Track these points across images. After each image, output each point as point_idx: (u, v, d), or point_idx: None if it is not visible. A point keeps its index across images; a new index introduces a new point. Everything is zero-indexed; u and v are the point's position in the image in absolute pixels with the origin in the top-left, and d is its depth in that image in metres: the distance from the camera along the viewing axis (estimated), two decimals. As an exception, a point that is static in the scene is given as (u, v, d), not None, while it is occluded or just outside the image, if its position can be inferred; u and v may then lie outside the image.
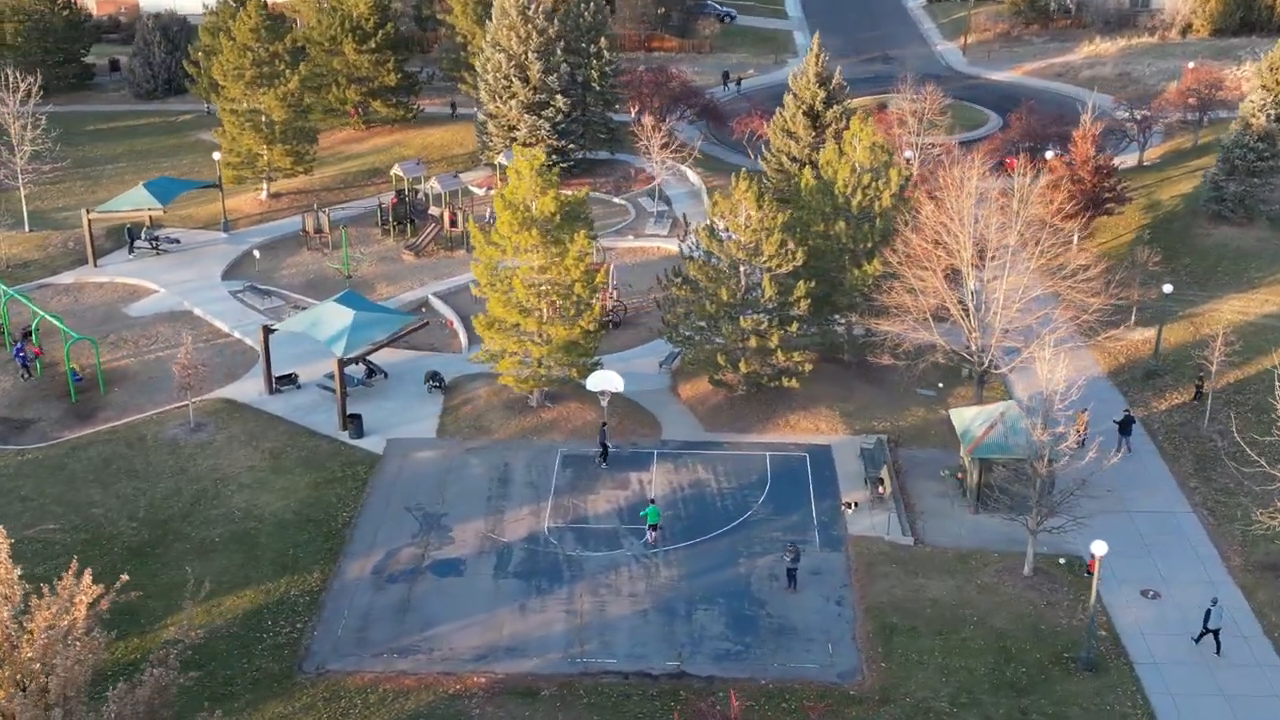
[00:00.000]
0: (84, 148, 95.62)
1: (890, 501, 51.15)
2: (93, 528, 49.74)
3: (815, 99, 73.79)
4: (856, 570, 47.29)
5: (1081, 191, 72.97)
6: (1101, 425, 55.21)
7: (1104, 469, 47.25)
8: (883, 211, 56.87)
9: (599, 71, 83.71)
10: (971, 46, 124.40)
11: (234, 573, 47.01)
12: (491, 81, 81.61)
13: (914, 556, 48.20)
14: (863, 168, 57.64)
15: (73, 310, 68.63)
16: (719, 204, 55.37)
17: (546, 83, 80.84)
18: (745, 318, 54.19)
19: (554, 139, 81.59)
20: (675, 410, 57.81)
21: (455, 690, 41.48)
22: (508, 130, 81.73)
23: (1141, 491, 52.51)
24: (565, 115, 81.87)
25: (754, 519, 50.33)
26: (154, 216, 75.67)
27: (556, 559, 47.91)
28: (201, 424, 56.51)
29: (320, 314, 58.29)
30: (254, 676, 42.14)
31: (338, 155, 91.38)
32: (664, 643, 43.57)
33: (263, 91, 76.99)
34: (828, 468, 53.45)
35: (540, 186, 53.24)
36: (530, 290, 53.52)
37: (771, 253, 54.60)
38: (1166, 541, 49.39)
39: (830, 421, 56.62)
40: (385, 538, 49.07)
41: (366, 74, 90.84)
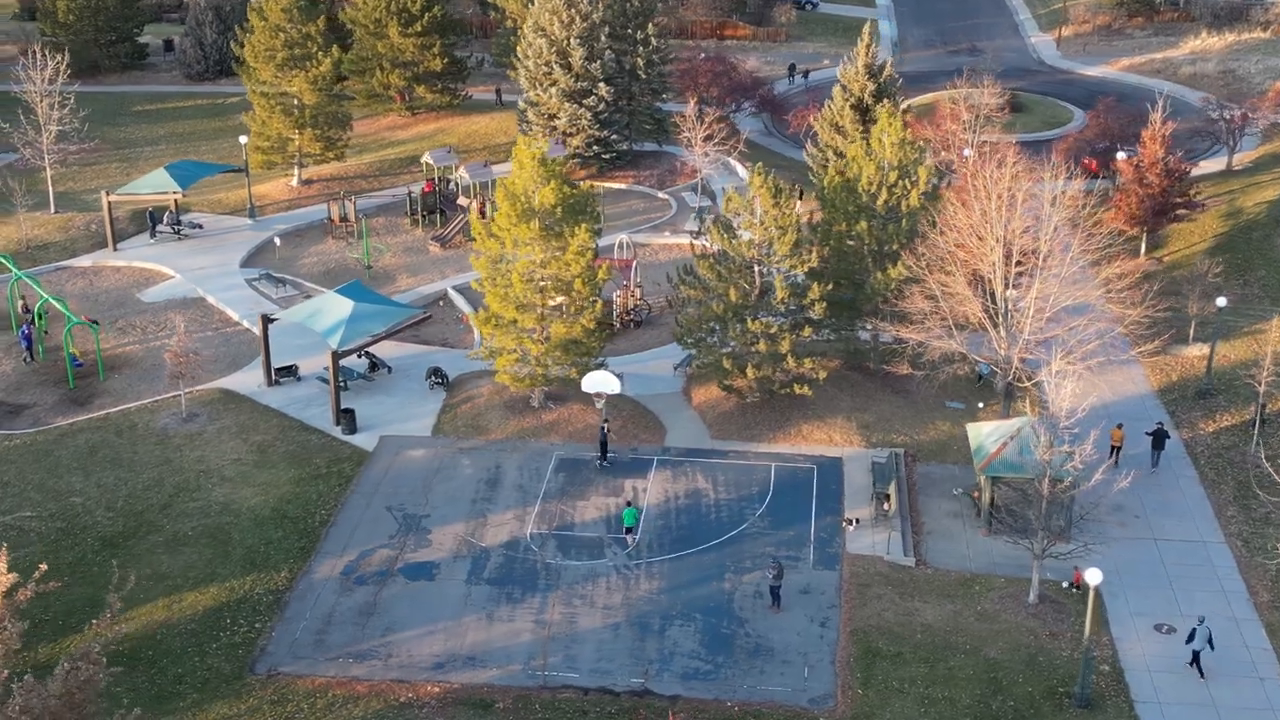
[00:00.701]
0: (126, 129, 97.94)
1: (895, 519, 50.48)
2: (69, 516, 50.87)
3: (864, 92, 73.14)
4: (848, 590, 46.79)
5: (1148, 196, 71.47)
6: (1138, 442, 54.09)
7: (1115, 491, 46.02)
8: (910, 212, 56.13)
9: (645, 59, 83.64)
10: (1067, 39, 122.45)
11: (201, 568, 47.80)
12: (532, 68, 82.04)
13: (913, 578, 47.57)
14: (890, 165, 56.93)
15: (86, 294, 70.29)
16: (733, 200, 55.06)
17: (589, 70, 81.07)
18: (755, 320, 53.77)
19: (595, 129, 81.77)
20: (684, 416, 57.67)
21: (406, 699, 41.76)
22: (548, 119, 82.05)
23: (1173, 519, 51.32)
24: (608, 104, 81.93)
25: (748, 533, 50.03)
26: (180, 201, 77.09)
27: (534, 566, 48.04)
28: (194, 414, 57.55)
29: (320, 304, 59.08)
30: (204, 676, 42.79)
31: (380, 142, 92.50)
32: (632, 659, 43.49)
33: (294, 74, 78.04)
34: (835, 481, 52.97)
35: (542, 177, 53.34)
36: (528, 285, 53.69)
37: (785, 252, 54.18)
38: (1191, 573, 48.20)
39: (845, 433, 56.09)
40: (361, 538, 49.57)
41: (411, 58, 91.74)
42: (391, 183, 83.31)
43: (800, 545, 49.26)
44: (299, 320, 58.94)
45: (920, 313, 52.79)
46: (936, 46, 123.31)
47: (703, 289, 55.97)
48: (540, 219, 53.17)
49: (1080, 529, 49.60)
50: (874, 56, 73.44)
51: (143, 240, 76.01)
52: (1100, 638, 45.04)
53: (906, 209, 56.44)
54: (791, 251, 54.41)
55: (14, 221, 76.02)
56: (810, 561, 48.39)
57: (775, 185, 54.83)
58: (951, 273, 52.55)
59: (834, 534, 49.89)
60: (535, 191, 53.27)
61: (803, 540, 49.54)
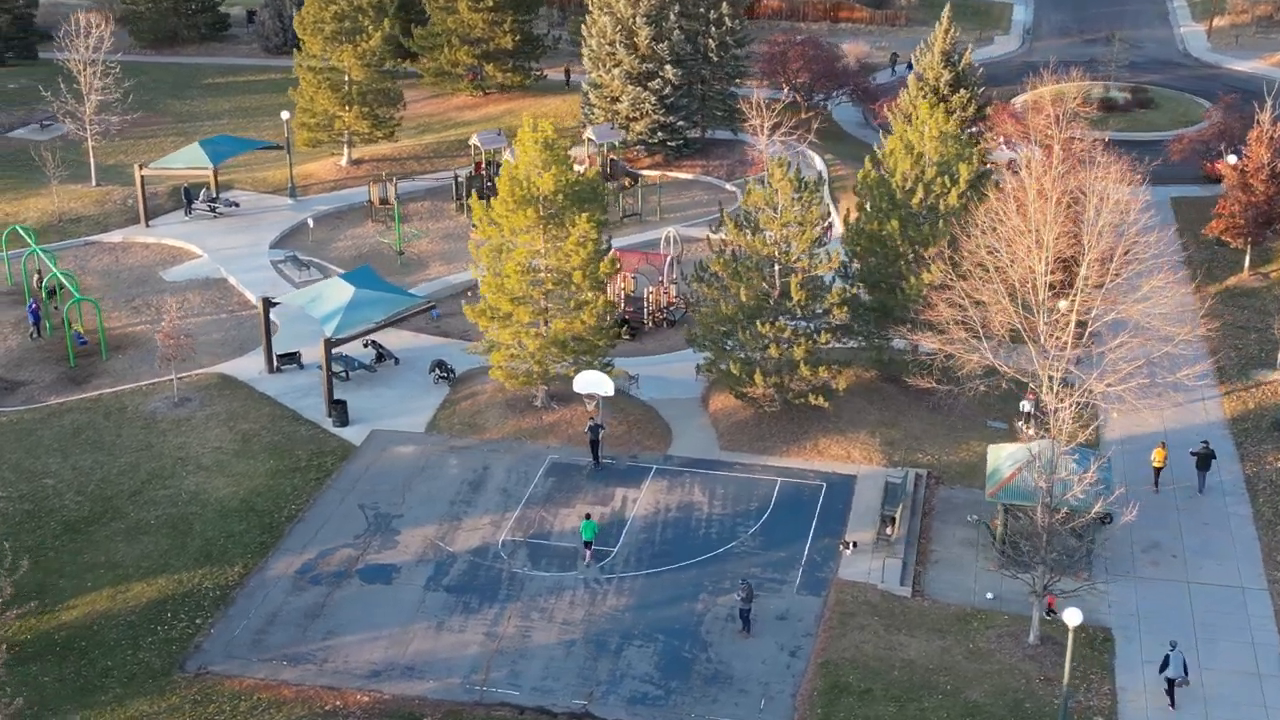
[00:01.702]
0: (191, 102, 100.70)
1: (898, 545, 49.62)
2: (38, 499, 52.48)
3: (939, 80, 71.92)
4: (829, 619, 46.12)
5: (1252, 204, 69.14)
6: (1183, 463, 52.78)
7: (1132, 525, 44.72)
8: (949, 211, 55.05)
9: (718, 40, 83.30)
10: (1219, 30, 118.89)
11: (155, 558, 48.96)
12: (595, 47, 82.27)
13: (905, 610, 46.70)
14: (929, 160, 55.94)
15: (109, 271, 72.42)
16: (753, 193, 54.60)
17: (655, 51, 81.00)
18: (766, 323, 53.23)
19: (660, 114, 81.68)
20: (695, 423, 57.40)
21: (332, 707, 42.28)
22: (610, 102, 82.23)
23: (1213, 560, 49.64)
24: (675, 88, 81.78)
25: (736, 551, 49.62)
26: (221, 178, 78.94)
27: (499, 576, 48.25)
28: (187, 399, 58.93)
29: (322, 289, 60.06)
30: (133, 670, 43.83)
31: (445, 122, 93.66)
32: (579, 679, 43.44)
33: (343, 48, 79.37)
34: (843, 501, 52.28)
35: (543, 162, 53.52)
36: (524, 277, 53.88)
37: (803, 250, 53.57)
38: (1221, 621, 46.54)
39: (866, 449, 55.30)
40: (326, 535, 50.30)
41: (481, 34, 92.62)
42: (445, 165, 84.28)
43: (788, 567, 48.68)
44: (300, 305, 59.91)
45: (950, 322, 51.62)
46: (1072, 34, 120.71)
47: (718, 287, 55.53)
48: (539, 206, 53.23)
49: (1105, 565, 48.25)
50: (953, 42, 72.05)
51: (178, 217, 77.94)
52: (1102, 686, 43.74)
53: (945, 209, 55.29)
54: (811, 251, 53.66)
55: (52, 193, 78.38)
56: (795, 585, 47.79)
57: (798, 178, 54.13)
58: (988, 280, 51.31)
59: (828, 557, 49.22)
60: (535, 176, 53.30)
61: (793, 562, 48.95)
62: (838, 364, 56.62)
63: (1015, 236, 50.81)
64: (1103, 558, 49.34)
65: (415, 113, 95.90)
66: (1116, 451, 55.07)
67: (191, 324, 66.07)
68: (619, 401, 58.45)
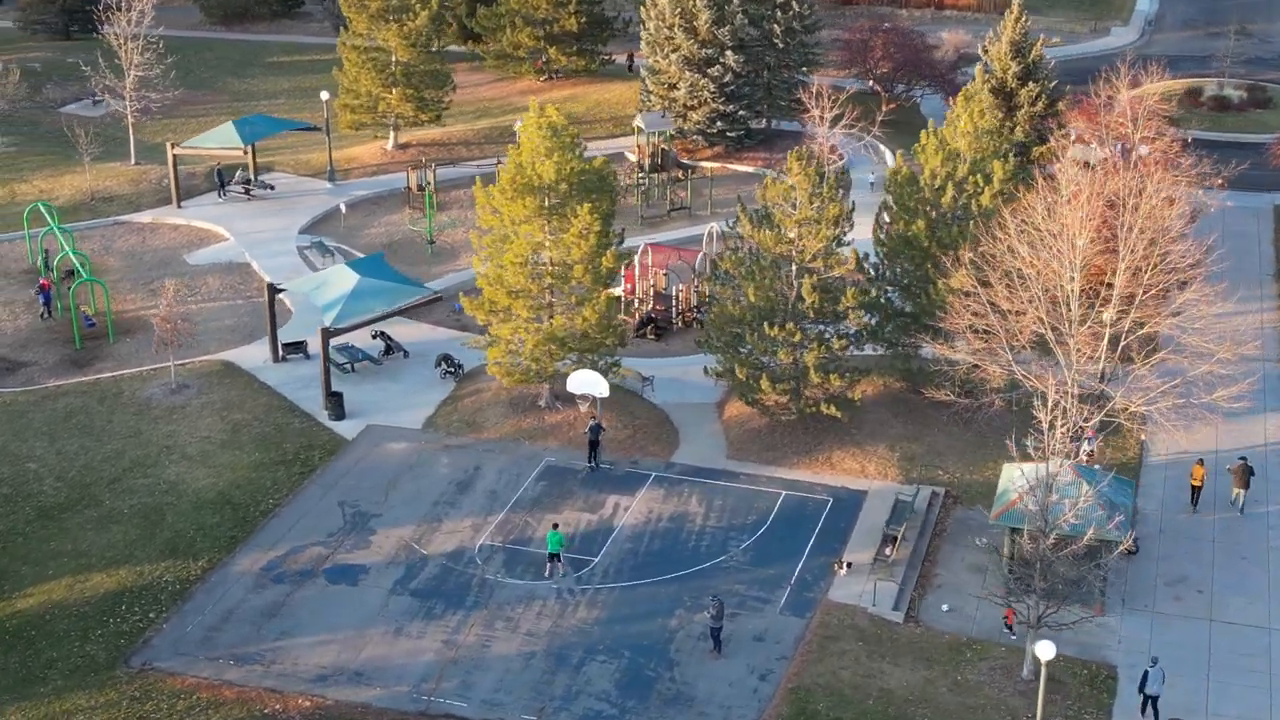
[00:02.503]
0: (251, 80, 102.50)
1: (898, 567, 48.93)
2: (17, 483, 53.80)
3: (1007, 73, 70.69)
4: (809, 642, 45.62)
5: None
6: (1222, 480, 51.79)
7: (1120, 552, 43.56)
8: (982, 213, 54.11)
9: (785, 26, 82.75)
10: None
11: (120, 548, 49.89)
12: (653, 30, 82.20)
13: (894, 636, 46.03)
14: (961, 158, 55.08)
15: (133, 252, 74.00)
16: (770, 187, 54.17)
17: (716, 36, 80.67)
18: (774, 326, 52.78)
19: (720, 102, 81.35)
20: (706, 429, 57.13)
21: (272, 710, 42.74)
22: (667, 89, 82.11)
23: (1243, 599, 48.26)
24: (736, 75, 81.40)
25: (723, 566, 49.31)
26: (263, 159, 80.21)
27: (470, 582, 48.45)
28: (184, 385, 60.01)
29: (327, 277, 60.83)
30: (77, 663, 44.70)
31: (505, 107, 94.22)
32: (533, 694, 43.44)
33: (388, 26, 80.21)
34: (847, 517, 51.70)
35: (546, 148, 53.61)
36: (523, 269, 54.01)
37: (816, 249, 53.03)
38: (1238, 663, 45.24)
39: (882, 464, 54.63)
40: (299, 532, 50.88)
41: (545, 15, 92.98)
42: (496, 152, 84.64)
43: (776, 586, 48.23)
44: (305, 292, 60.67)
45: (966, 330, 50.82)
46: (1197, 27, 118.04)
47: (730, 287, 55.22)
48: (539, 195, 53.31)
49: (1123, 598, 47.21)
50: (1024, 32, 70.74)
51: (212, 199, 79.33)
52: (1097, 728, 42.78)
53: (978, 209, 54.37)
54: (828, 250, 53.09)
55: (90, 171, 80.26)
56: (780, 605, 47.33)
57: (817, 173, 53.59)
58: (1011, 287, 50.39)
59: (820, 577, 48.70)
60: (537, 164, 53.40)
61: (781, 581, 48.50)
62: (858, 372, 55.95)
63: (1041, 241, 49.81)
64: (1121, 589, 48.12)
65: (476, 96, 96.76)
66: (1161, 473, 53.78)
67: (205, 309, 67.29)
68: (628, 404, 58.43)
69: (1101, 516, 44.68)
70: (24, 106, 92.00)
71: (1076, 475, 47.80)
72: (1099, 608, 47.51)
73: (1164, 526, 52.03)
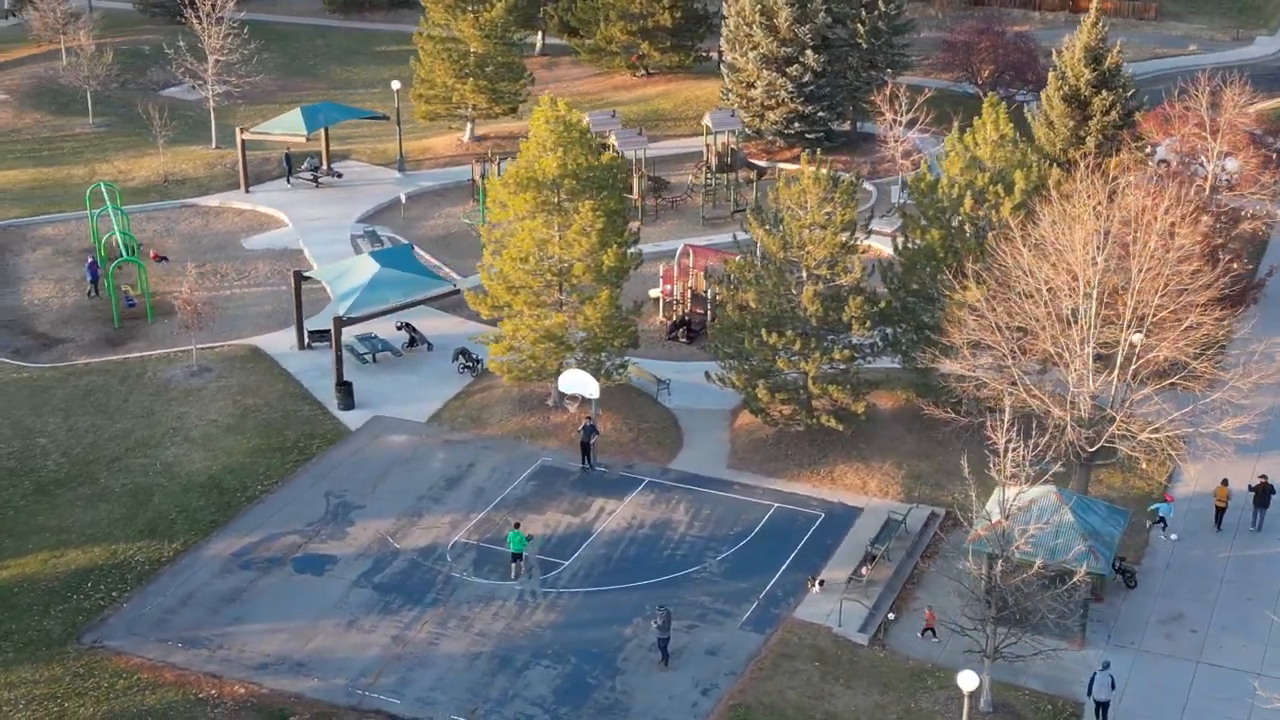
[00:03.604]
0: (353, 69, 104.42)
1: (874, 587, 48.09)
2: (24, 457, 55.58)
3: (1080, 80, 68.91)
4: (763, 659, 45.08)
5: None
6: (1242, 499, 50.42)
7: (1075, 590, 42.20)
8: (1001, 224, 52.87)
9: (870, 26, 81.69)
10: None
11: (101, 527, 51.22)
12: (733, 27, 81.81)
13: (853, 659, 45.26)
14: (981, 166, 53.90)
15: (193, 235, 75.92)
16: (783, 191, 53.61)
17: (797, 34, 79.99)
18: (772, 333, 52.21)
19: (798, 102, 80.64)
20: (712, 437, 56.75)
21: (206, 694, 43.51)
22: (745, 88, 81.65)
23: (1238, 640, 46.51)
24: (816, 75, 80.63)
25: (695, 577, 48.96)
26: (339, 147, 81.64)
27: (434, 578, 48.77)
28: (206, 369, 61.39)
29: (350, 266, 61.80)
30: (31, 636, 46.02)
31: (596, 102, 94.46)
32: (469, 695, 43.61)
33: (464, 17, 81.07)
34: (835, 534, 51.00)
35: (552, 141, 53.74)
36: (523, 265, 54.20)
37: (821, 256, 52.33)
38: (1214, 709, 43.67)
39: (885, 481, 53.73)
40: (279, 520, 51.72)
41: (639, 10, 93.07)
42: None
43: (742, 600, 47.74)
44: (327, 280, 61.62)
45: (965, 345, 49.75)
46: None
47: (738, 290, 54.80)
48: (541, 190, 53.45)
49: (1109, 634, 45.88)
50: (1100, 37, 68.80)
51: (280, 184, 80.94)
52: (1050, 771, 41.59)
53: (997, 220, 53.12)
54: (832, 257, 52.37)
55: (167, 154, 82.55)
56: (742, 620, 46.83)
57: (831, 177, 52.91)
58: (1006, 302, 49.19)
59: (792, 593, 48.09)
60: (541, 158, 53.55)
61: (750, 595, 47.98)
62: (867, 385, 55.08)
63: (1044, 256, 48.55)
64: (1110, 624, 46.75)
65: (571, 90, 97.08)
66: (1183, 506, 52.15)
67: (249, 294, 68.76)
68: (639, 406, 58.35)
69: (1065, 546, 43.42)
70: (129, 88, 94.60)
71: (1060, 501, 46.55)
72: (1079, 641, 46.22)
73: (1172, 561, 50.31)
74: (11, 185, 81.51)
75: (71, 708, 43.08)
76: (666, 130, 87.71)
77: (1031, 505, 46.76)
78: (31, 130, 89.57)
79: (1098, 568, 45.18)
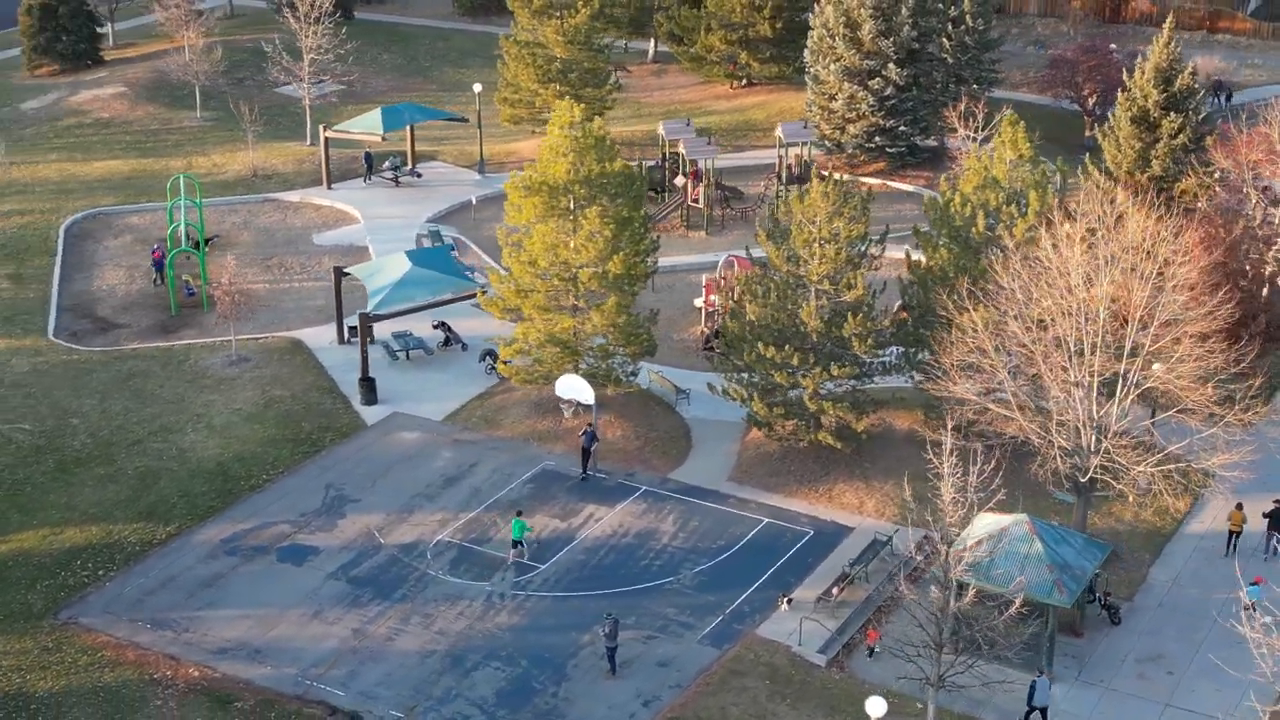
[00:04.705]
0: (465, 71, 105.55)
1: (843, 608, 47.41)
2: (53, 436, 57.49)
3: (1149, 100, 66.98)
4: (713, 674, 44.69)
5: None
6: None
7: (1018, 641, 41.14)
8: (1015, 245, 51.70)
9: (957, 40, 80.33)
10: None
11: (104, 507, 52.73)
12: (817, 40, 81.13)
13: (805, 680, 44.67)
14: (995, 184, 52.76)
15: (268, 228, 77.66)
16: (793, 204, 53.09)
17: (880, 47, 79.03)
18: (769, 346, 51.71)
19: (879, 116, 79.66)
20: (721, 449, 56.39)
21: (160, 675, 44.55)
22: (827, 99, 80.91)
23: (1214, 684, 44.73)
24: (899, 89, 79.56)
25: (665, 588, 48.74)
26: (425, 148, 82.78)
27: (409, 575, 49.26)
28: (244, 359, 62.82)
29: (384, 263, 62.70)
30: (13, 609, 47.56)
31: (693, 110, 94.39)
32: (413, 691, 43.99)
33: (548, 22, 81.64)
34: (818, 553, 50.37)
35: (565, 146, 53.94)
36: (529, 268, 54.47)
37: (822, 272, 51.70)
38: (1174, 760, 42.10)
39: (884, 502, 52.89)
40: (274, 510, 52.72)
41: (740, 19, 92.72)
42: (654, 154, 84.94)
43: (708, 613, 47.38)
44: (363, 277, 62.57)
45: (953, 366, 48.79)
46: None
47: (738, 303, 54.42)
48: (553, 194, 53.66)
49: (1080, 670, 44.66)
50: (1173, 58, 66.73)
51: (360, 183, 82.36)
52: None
53: (1014, 241, 51.90)
54: (834, 273, 51.71)
55: (261, 148, 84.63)
56: (703, 634, 46.47)
57: (840, 190, 52.28)
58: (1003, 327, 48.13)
59: (759, 609, 47.60)
60: (551, 163, 53.79)
61: (717, 609, 47.60)
62: (871, 403, 54.25)
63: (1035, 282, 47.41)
64: (1085, 659, 45.48)
65: (673, 98, 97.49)
66: (1194, 543, 50.79)
67: (306, 288, 70.07)
68: (653, 414, 58.31)
69: (1031, 577, 42.47)
70: (247, 85, 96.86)
71: (1032, 532, 45.40)
72: (1047, 675, 44.84)
73: (1165, 600, 48.63)
74: (111, 174, 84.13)
75: (32, 680, 44.38)
76: (755, 141, 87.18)
77: (1002, 534, 45.79)
78: (142, 122, 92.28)
79: (1060, 601, 43.87)
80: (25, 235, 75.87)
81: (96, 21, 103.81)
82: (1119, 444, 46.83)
